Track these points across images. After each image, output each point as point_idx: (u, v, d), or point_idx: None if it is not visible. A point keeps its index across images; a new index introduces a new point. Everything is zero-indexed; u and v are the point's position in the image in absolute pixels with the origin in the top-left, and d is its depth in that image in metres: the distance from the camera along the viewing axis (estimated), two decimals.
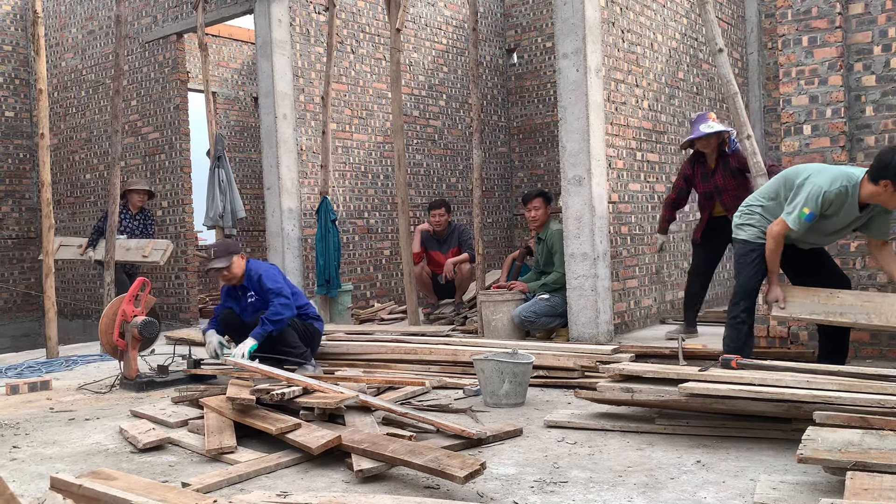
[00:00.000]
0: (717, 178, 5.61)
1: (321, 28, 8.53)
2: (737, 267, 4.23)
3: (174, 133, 9.07)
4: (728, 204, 5.59)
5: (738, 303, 4.12)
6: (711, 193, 5.68)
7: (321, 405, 3.56)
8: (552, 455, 3.20)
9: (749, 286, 4.12)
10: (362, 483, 2.92)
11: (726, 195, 5.59)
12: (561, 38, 5.75)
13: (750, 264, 4.11)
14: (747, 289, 4.12)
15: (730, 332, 4.15)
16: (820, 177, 3.81)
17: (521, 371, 4.09)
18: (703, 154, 5.66)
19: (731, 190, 5.57)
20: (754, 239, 4.12)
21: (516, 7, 11.01)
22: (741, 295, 4.12)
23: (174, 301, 9.05)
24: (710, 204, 5.74)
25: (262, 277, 5.20)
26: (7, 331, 10.71)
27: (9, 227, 10.89)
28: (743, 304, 4.11)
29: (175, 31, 8.95)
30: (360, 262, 8.86)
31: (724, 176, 5.58)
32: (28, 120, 11.12)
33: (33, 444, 3.74)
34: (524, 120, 11.03)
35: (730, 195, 5.57)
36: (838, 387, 3.07)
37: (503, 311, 5.97)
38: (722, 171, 5.59)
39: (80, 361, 6.29)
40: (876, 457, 2.45)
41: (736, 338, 4.10)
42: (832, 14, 4.71)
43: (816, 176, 3.83)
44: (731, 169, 5.56)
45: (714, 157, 5.60)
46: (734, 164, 5.55)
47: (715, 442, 3.27)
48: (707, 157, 5.65)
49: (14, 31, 11.09)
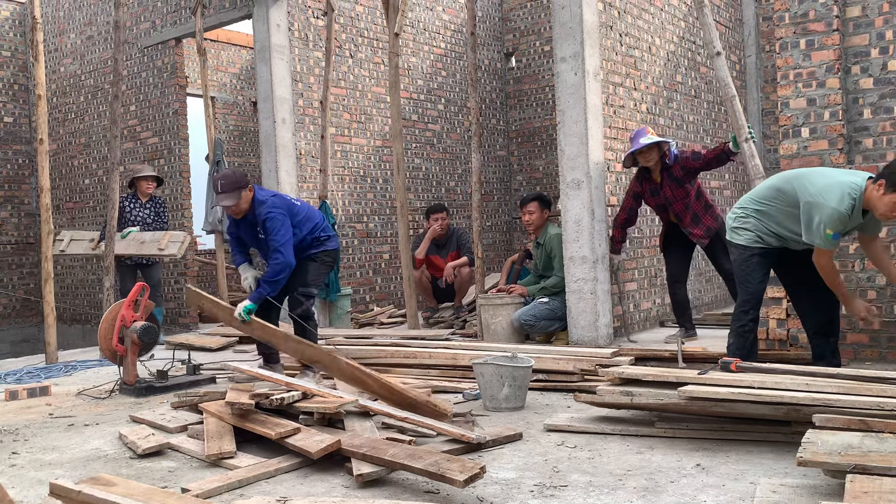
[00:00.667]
0: (665, 191, 5.64)
1: (320, 33, 8.54)
2: (739, 274, 4.16)
3: (173, 138, 9.07)
4: (679, 213, 5.65)
5: (747, 311, 4.09)
6: (663, 205, 5.73)
7: (321, 410, 3.56)
8: (552, 459, 3.20)
9: (758, 294, 4.10)
10: (362, 488, 2.92)
11: (676, 205, 5.64)
12: (559, 41, 5.76)
13: (754, 270, 4.08)
14: (757, 296, 4.10)
15: (736, 340, 4.12)
16: (826, 197, 3.74)
17: (521, 375, 4.09)
18: (648, 170, 5.67)
19: (679, 199, 5.61)
20: (752, 243, 4.09)
21: (514, 11, 11.03)
22: (751, 303, 4.09)
23: (174, 306, 9.05)
24: (665, 214, 5.81)
25: (266, 224, 5.00)
26: (6, 336, 10.70)
27: (8, 232, 10.89)
28: (752, 314, 4.09)
29: (174, 36, 8.96)
30: (360, 266, 8.86)
31: (671, 187, 5.61)
32: (27, 125, 11.12)
33: (32, 449, 3.73)
34: (523, 123, 11.05)
35: (679, 204, 5.63)
36: (838, 389, 3.07)
37: (502, 314, 5.97)
38: (668, 183, 5.61)
39: (80, 367, 6.28)
40: (876, 459, 2.45)
41: (742, 345, 4.08)
42: (829, 17, 4.72)
43: (821, 196, 3.76)
44: (677, 178, 5.58)
45: (658, 171, 5.63)
46: (678, 172, 5.57)
47: (715, 445, 3.26)
48: (652, 172, 5.66)
49: (13, 36, 11.10)
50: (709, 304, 7.60)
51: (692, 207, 5.62)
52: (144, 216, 7.61)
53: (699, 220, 5.62)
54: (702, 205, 5.65)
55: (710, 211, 5.68)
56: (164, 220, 7.72)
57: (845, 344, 4.67)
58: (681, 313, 5.86)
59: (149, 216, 7.62)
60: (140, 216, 7.58)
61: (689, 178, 5.59)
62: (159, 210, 7.69)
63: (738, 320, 4.12)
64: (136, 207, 7.58)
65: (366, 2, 9.15)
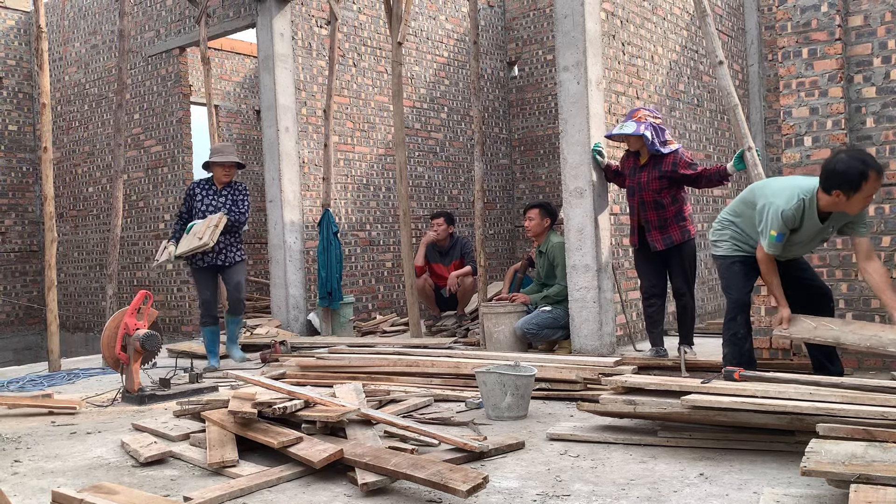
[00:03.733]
0: (642, 175, 5.30)
1: (323, 42, 8.57)
2: (724, 283, 4.22)
3: (177, 146, 9.10)
4: (646, 203, 5.27)
5: (735, 318, 4.09)
6: (633, 189, 5.36)
7: (323, 419, 3.55)
8: (555, 468, 3.19)
9: (743, 299, 4.11)
10: (365, 497, 2.91)
11: (646, 194, 5.26)
12: (562, 50, 5.77)
13: (737, 276, 4.11)
14: (741, 302, 4.11)
15: (731, 349, 4.11)
16: (777, 197, 3.83)
17: (524, 384, 4.08)
18: None
19: (652, 191, 5.24)
20: (733, 252, 4.16)
21: (517, 20, 11.06)
22: (737, 309, 4.09)
23: (176, 314, 9.06)
24: (633, 201, 5.38)
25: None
26: (9, 344, 10.72)
27: (12, 240, 10.92)
28: (741, 319, 4.08)
29: (178, 45, 9.01)
30: (362, 275, 8.86)
31: (650, 174, 5.25)
32: (31, 134, 11.17)
33: (35, 458, 3.73)
34: (525, 132, 11.06)
35: (650, 195, 5.25)
36: (841, 399, 3.06)
37: (505, 323, 5.96)
38: (650, 170, 5.26)
39: (82, 375, 6.29)
40: (880, 469, 2.44)
41: (738, 353, 4.07)
42: (832, 26, 4.73)
43: (774, 196, 3.85)
44: (661, 170, 5.22)
45: (647, 156, 5.32)
46: (667, 168, 5.21)
47: (718, 454, 3.25)
48: (640, 153, 5.35)
49: (18, 45, 11.16)
50: (711, 313, 7.59)
51: (664, 209, 5.24)
52: (218, 205, 6.22)
53: (665, 227, 5.26)
54: (675, 212, 5.26)
55: (682, 225, 5.27)
56: (244, 209, 6.27)
57: (849, 353, 4.66)
58: (650, 328, 5.40)
59: (224, 205, 6.23)
60: (213, 205, 6.21)
61: (674, 180, 5.24)
62: (238, 198, 6.27)
63: (729, 329, 4.12)
64: (208, 195, 6.24)
65: (369, 11, 9.18)
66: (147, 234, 9.49)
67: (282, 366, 5.74)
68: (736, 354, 4.07)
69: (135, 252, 9.64)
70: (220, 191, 6.28)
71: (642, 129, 5.18)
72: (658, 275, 5.38)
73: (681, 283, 5.33)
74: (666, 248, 5.27)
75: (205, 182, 6.33)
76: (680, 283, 5.33)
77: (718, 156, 7.96)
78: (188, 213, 6.30)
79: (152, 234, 9.42)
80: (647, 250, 5.37)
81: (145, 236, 9.52)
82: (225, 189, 6.28)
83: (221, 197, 6.25)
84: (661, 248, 5.27)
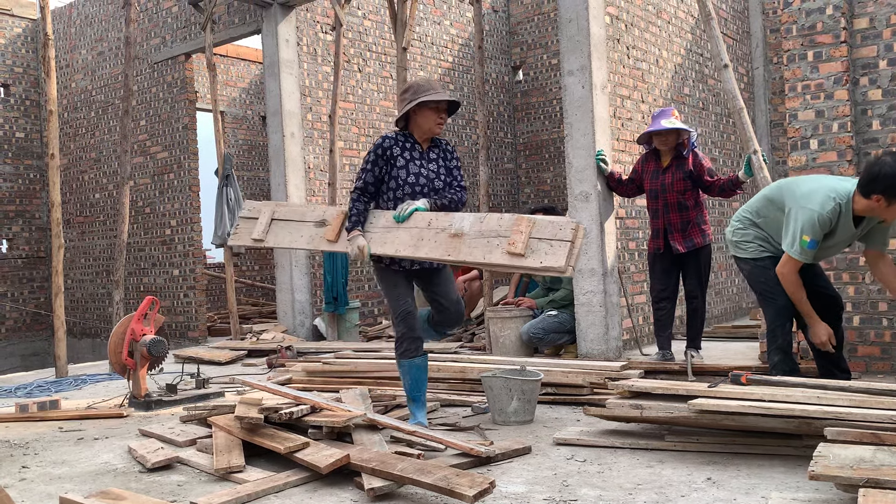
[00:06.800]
0: (665, 177, 5.30)
1: (328, 47, 8.59)
2: (760, 289, 3.98)
3: (183, 152, 9.13)
4: (670, 205, 5.28)
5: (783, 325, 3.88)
6: (657, 192, 5.35)
7: (329, 424, 3.55)
8: (561, 473, 3.18)
9: (789, 304, 3.87)
10: (372, 502, 2.91)
11: (670, 195, 5.28)
12: (566, 55, 5.78)
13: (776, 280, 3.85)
14: (788, 308, 3.88)
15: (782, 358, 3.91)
16: (810, 200, 3.65)
17: (530, 388, 4.08)
18: (658, 152, 5.42)
19: (677, 192, 5.27)
20: (761, 254, 3.98)
21: (522, 25, 11.08)
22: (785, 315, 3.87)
23: (183, 320, 9.07)
24: (655, 204, 5.38)
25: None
26: (17, 350, 10.76)
27: (19, 246, 10.96)
28: (788, 326, 3.91)
29: (183, 52, 9.04)
30: (368, 279, 8.87)
31: (674, 176, 5.28)
32: (38, 140, 11.22)
33: (42, 463, 3.74)
34: (530, 136, 11.07)
35: (674, 196, 5.27)
36: (849, 402, 3.04)
37: (511, 327, 5.96)
38: (673, 171, 5.29)
39: (89, 380, 6.30)
40: (888, 473, 2.43)
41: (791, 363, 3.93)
42: (837, 29, 4.73)
43: (805, 200, 3.67)
44: (685, 171, 5.26)
45: (669, 157, 5.35)
46: (690, 167, 5.26)
47: (725, 459, 3.24)
48: (662, 155, 5.39)
49: (25, 53, 11.22)
50: (718, 316, 7.57)
51: (687, 210, 5.29)
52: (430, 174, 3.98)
53: (686, 230, 5.29)
54: (697, 215, 5.32)
55: (703, 228, 5.34)
56: (463, 181, 4.09)
57: (857, 356, 4.65)
58: (658, 332, 5.44)
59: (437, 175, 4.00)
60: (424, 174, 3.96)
61: (693, 182, 5.30)
62: (452, 165, 4.06)
63: (775, 337, 3.90)
64: (415, 158, 3.97)
65: (374, 17, 9.21)
66: (153, 240, 9.52)
67: (288, 371, 5.74)
68: (788, 363, 3.88)
69: (141, 258, 9.66)
70: (427, 152, 4.02)
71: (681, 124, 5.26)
72: (671, 278, 5.41)
73: (694, 285, 5.33)
74: (687, 250, 5.30)
75: (402, 138, 3.98)
76: (693, 286, 5.33)
77: (724, 159, 7.95)
78: (377, 184, 3.96)
79: (159, 241, 9.45)
80: (667, 254, 5.37)
81: (152, 242, 9.54)
82: (433, 149, 4.04)
83: (431, 162, 4.00)
84: (682, 250, 5.30)
